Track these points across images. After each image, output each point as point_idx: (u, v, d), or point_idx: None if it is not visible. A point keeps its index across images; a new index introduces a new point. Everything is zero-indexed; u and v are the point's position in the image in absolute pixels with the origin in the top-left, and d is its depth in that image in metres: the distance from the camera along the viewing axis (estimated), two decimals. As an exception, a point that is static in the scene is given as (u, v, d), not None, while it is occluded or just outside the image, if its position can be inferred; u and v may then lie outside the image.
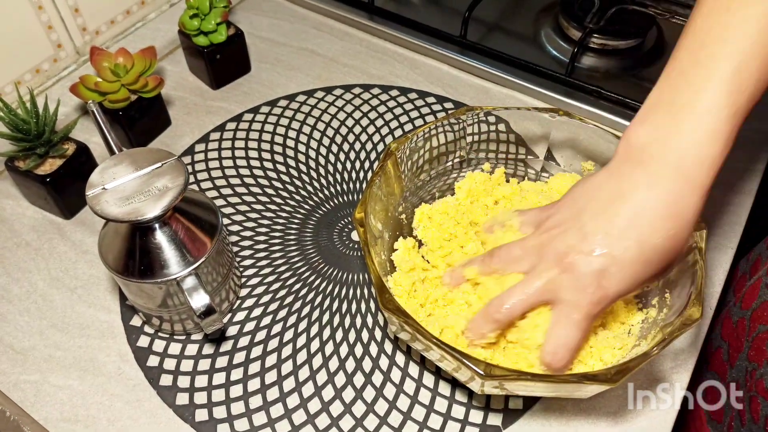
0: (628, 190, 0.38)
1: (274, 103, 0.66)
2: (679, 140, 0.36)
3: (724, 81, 0.35)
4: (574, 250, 0.38)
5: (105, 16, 0.69)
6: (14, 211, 0.57)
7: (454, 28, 0.69)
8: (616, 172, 0.39)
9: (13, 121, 0.50)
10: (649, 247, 0.37)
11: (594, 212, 0.39)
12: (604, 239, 0.38)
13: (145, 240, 0.42)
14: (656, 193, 0.37)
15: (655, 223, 0.37)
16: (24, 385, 0.46)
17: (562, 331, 0.39)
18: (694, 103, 0.36)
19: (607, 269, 0.37)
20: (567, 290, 0.39)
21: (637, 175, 0.38)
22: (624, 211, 0.37)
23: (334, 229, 0.56)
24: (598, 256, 0.38)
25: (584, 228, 0.39)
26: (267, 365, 0.47)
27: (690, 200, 0.37)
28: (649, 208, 0.37)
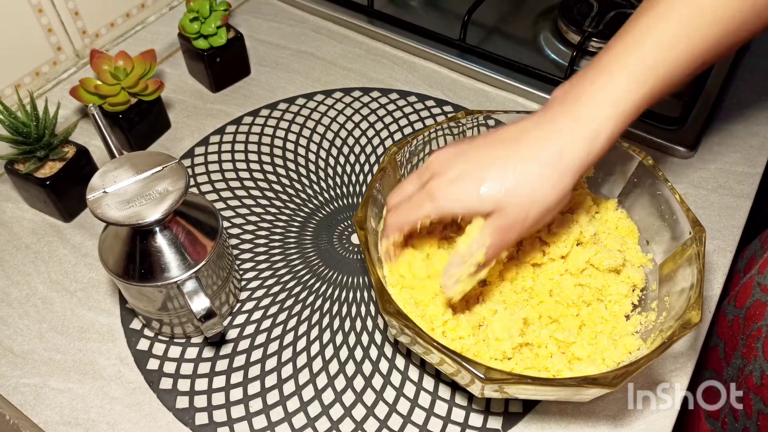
0: (526, 121, 0.41)
1: (273, 106, 0.66)
2: (579, 92, 0.40)
3: (638, 48, 0.39)
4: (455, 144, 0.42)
5: (105, 19, 0.70)
6: (14, 214, 0.57)
7: (454, 32, 0.70)
8: (531, 114, 0.42)
9: (13, 124, 0.50)
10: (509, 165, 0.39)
11: (492, 131, 0.42)
12: (492, 163, 0.40)
13: (146, 243, 0.42)
14: (544, 124, 0.40)
15: (530, 146, 0.40)
16: (24, 389, 0.46)
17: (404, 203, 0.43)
18: (603, 63, 0.40)
19: (464, 167, 0.40)
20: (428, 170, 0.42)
21: (540, 114, 0.41)
22: (512, 129, 0.41)
23: (334, 232, 0.56)
24: (465, 152, 0.41)
25: (475, 138, 0.43)
26: (267, 368, 0.47)
27: (573, 139, 0.39)
28: (531, 132, 0.40)
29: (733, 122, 0.65)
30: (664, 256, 0.46)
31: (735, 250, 0.55)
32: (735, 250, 0.55)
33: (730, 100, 0.67)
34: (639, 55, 0.39)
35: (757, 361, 0.46)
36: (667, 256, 0.46)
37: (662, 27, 0.38)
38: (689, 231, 0.44)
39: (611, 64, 0.39)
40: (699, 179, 0.60)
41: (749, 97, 0.67)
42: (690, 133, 0.62)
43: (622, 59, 0.39)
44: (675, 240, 0.45)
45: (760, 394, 0.46)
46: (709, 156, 0.61)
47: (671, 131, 0.62)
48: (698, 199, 0.58)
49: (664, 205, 0.46)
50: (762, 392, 0.45)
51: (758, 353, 0.47)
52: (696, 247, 0.42)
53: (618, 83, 0.39)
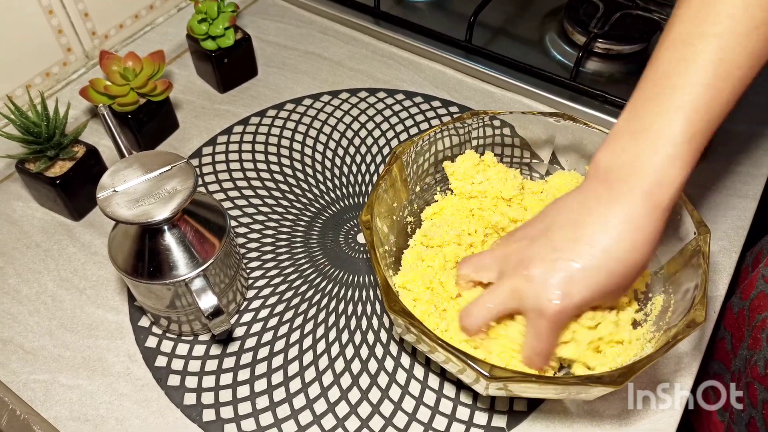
0: (594, 205, 0.40)
1: (280, 106, 0.67)
2: (640, 163, 0.39)
3: (681, 109, 0.38)
4: (538, 258, 0.40)
5: (114, 20, 0.70)
6: (24, 212, 0.57)
7: (460, 33, 0.70)
8: (584, 190, 0.41)
9: (24, 124, 0.51)
10: (612, 258, 0.38)
11: (561, 224, 0.41)
12: (568, 247, 0.39)
13: (155, 242, 0.43)
14: (619, 208, 0.39)
15: (619, 236, 0.38)
16: (34, 385, 0.47)
17: (531, 340, 0.41)
18: (653, 129, 0.38)
19: (571, 277, 0.39)
20: (531, 299, 0.40)
21: (602, 192, 0.40)
22: (590, 223, 0.39)
23: (341, 232, 0.56)
24: (563, 263, 0.39)
25: (550, 238, 0.40)
26: (273, 366, 0.48)
27: (651, 217, 0.38)
28: (612, 221, 0.39)
29: (738, 123, 0.65)
30: (669, 256, 0.46)
31: (740, 250, 0.55)
32: (740, 250, 0.55)
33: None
34: (685, 101, 0.38)
35: (762, 351, 0.47)
36: (672, 255, 0.46)
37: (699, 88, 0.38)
38: (694, 231, 0.44)
39: (657, 123, 0.38)
40: (704, 180, 0.60)
41: (755, 98, 0.67)
42: (695, 133, 0.62)
43: (672, 119, 0.38)
44: (680, 240, 0.45)
45: (764, 383, 0.46)
46: (714, 157, 0.62)
47: (677, 132, 0.62)
48: (703, 200, 0.58)
49: (669, 205, 0.47)
50: (766, 381, 0.45)
51: (763, 343, 0.47)
52: (701, 247, 0.43)
53: (675, 144, 0.38)
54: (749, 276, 0.53)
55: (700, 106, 0.38)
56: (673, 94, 0.38)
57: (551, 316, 0.39)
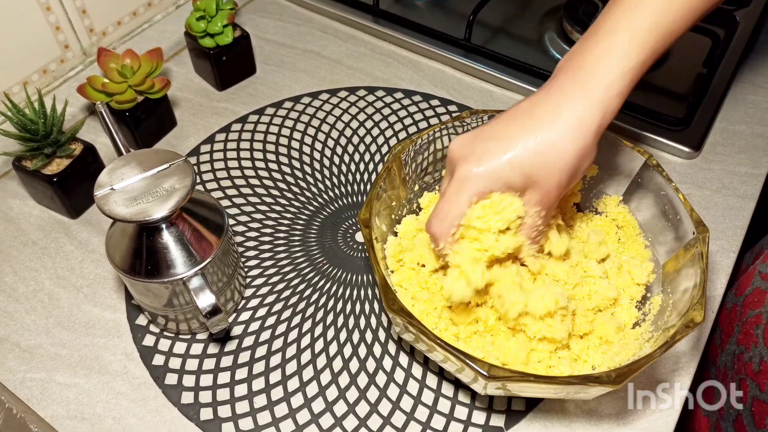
0: (534, 95, 0.42)
1: (279, 104, 0.66)
2: (584, 56, 0.41)
3: (626, 11, 0.40)
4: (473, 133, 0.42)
5: (112, 17, 0.70)
6: (21, 210, 0.57)
7: (459, 32, 0.70)
8: (533, 94, 0.43)
9: (21, 121, 0.51)
10: (531, 135, 0.40)
11: (505, 118, 0.42)
12: (495, 123, 0.42)
13: (152, 240, 0.43)
14: (554, 93, 0.41)
15: (545, 116, 0.40)
16: (30, 383, 0.46)
17: (438, 205, 0.42)
18: (603, 28, 0.41)
19: (487, 147, 0.41)
20: (452, 162, 0.42)
21: (546, 86, 0.42)
22: (522, 105, 0.42)
23: (339, 231, 0.56)
24: (485, 136, 0.41)
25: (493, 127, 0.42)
26: (271, 365, 0.48)
27: (585, 104, 0.40)
28: (543, 103, 0.41)
29: (737, 123, 0.65)
30: (668, 256, 0.46)
31: (738, 250, 0.55)
32: (738, 250, 0.55)
33: (735, 101, 0.67)
34: (639, 15, 0.40)
35: (757, 348, 0.47)
36: (671, 255, 0.46)
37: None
38: (693, 231, 0.44)
39: (613, 25, 0.41)
40: (703, 180, 0.60)
41: (754, 98, 0.67)
42: (694, 133, 0.62)
43: (623, 21, 0.40)
44: (679, 240, 0.45)
45: (756, 380, 0.46)
46: (713, 157, 0.62)
47: (676, 132, 0.62)
48: (702, 200, 0.58)
49: (668, 205, 0.47)
50: (759, 378, 0.45)
51: (758, 339, 0.47)
52: (699, 247, 0.43)
53: (622, 43, 0.40)
54: (746, 273, 0.53)
55: (652, 9, 0.40)
56: (633, 9, 0.40)
57: (458, 176, 0.41)
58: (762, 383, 0.45)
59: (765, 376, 0.45)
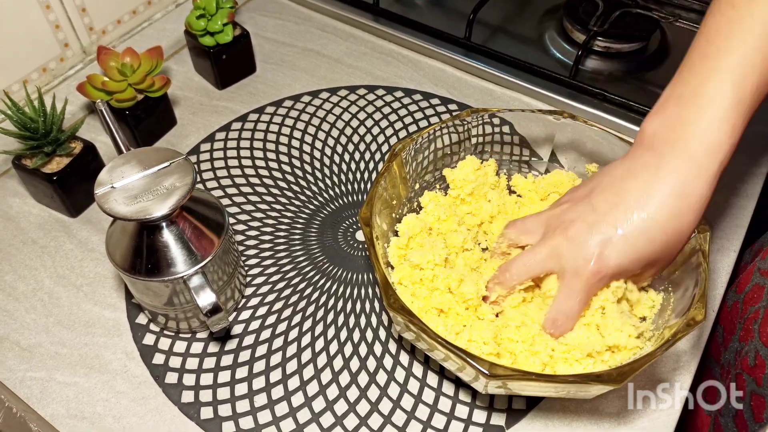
0: (638, 170, 0.40)
1: (279, 103, 0.66)
2: (685, 127, 0.38)
3: (728, 72, 0.37)
4: (579, 220, 0.40)
5: (111, 15, 0.70)
6: (21, 209, 0.57)
7: (459, 30, 0.70)
8: (630, 157, 0.41)
9: (20, 120, 0.51)
10: (653, 223, 0.38)
11: (603, 188, 0.41)
12: (610, 211, 0.39)
13: (153, 238, 0.42)
14: (664, 173, 0.38)
15: (662, 200, 0.38)
16: (30, 382, 0.46)
17: (562, 299, 0.41)
18: (700, 93, 0.38)
19: (609, 239, 0.39)
20: (569, 259, 0.40)
21: (647, 158, 0.39)
22: (632, 187, 0.39)
23: (339, 229, 0.56)
24: (602, 226, 0.39)
25: (592, 201, 0.41)
26: (272, 364, 0.48)
27: (696, 183, 0.38)
28: (656, 186, 0.38)
29: (737, 122, 0.64)
30: (669, 255, 0.46)
31: (739, 249, 0.55)
32: (739, 249, 0.55)
33: (735, 100, 0.67)
34: (731, 63, 0.37)
35: (753, 342, 0.47)
36: (672, 254, 0.46)
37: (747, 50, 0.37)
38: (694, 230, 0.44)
39: (704, 89, 0.38)
40: (703, 179, 0.59)
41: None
42: (695, 132, 0.62)
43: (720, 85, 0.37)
44: (679, 239, 0.45)
45: (753, 374, 0.46)
46: (713, 156, 0.61)
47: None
48: (702, 199, 0.58)
49: (669, 203, 0.46)
50: (755, 373, 0.45)
51: (754, 335, 0.47)
52: (700, 246, 0.42)
53: (722, 108, 0.37)
54: (746, 271, 0.53)
55: (748, 66, 0.36)
56: (720, 56, 0.37)
57: (587, 275, 0.39)
58: (758, 377, 0.45)
59: (761, 370, 0.45)
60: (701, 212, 0.39)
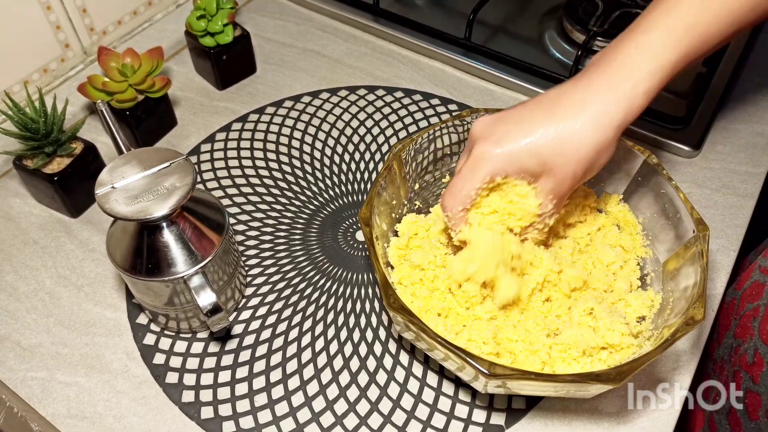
0: (564, 84, 0.43)
1: (279, 103, 0.66)
2: (616, 54, 0.41)
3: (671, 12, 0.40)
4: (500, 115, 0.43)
5: (112, 16, 0.70)
6: (21, 209, 0.57)
7: (459, 31, 0.70)
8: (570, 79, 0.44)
9: (21, 120, 0.51)
10: (550, 122, 0.40)
11: (534, 100, 0.43)
12: (525, 111, 0.42)
13: (153, 238, 0.43)
14: (582, 83, 0.41)
15: (568, 105, 0.41)
16: (31, 382, 0.46)
17: (453, 181, 0.43)
18: (639, 26, 0.41)
19: (509, 129, 0.41)
20: (473, 137, 0.43)
21: (576, 77, 0.43)
22: (552, 96, 0.42)
23: (339, 229, 0.56)
24: (511, 118, 0.42)
25: (519, 107, 0.43)
26: (272, 363, 0.48)
27: (609, 98, 0.40)
28: (569, 93, 0.41)
29: (737, 122, 0.65)
30: (668, 255, 0.46)
31: (738, 249, 0.55)
32: (738, 249, 0.55)
33: (735, 99, 0.67)
34: (675, 15, 0.40)
35: (753, 340, 0.47)
36: (671, 254, 0.46)
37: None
38: (693, 230, 0.44)
39: (648, 25, 0.41)
40: (703, 178, 0.60)
41: (754, 96, 0.67)
42: (694, 132, 0.62)
43: (659, 20, 0.40)
44: (679, 238, 0.45)
45: (750, 372, 0.46)
46: (713, 155, 0.62)
47: (676, 130, 0.62)
48: (702, 199, 0.58)
49: (668, 203, 0.47)
50: (752, 370, 0.46)
51: (754, 332, 0.47)
52: (700, 245, 0.43)
53: (655, 41, 0.40)
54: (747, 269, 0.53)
55: (687, 10, 0.40)
56: (669, 9, 0.40)
57: (475, 154, 0.42)
58: (755, 375, 0.45)
59: (759, 368, 0.45)
60: (606, 135, 0.40)
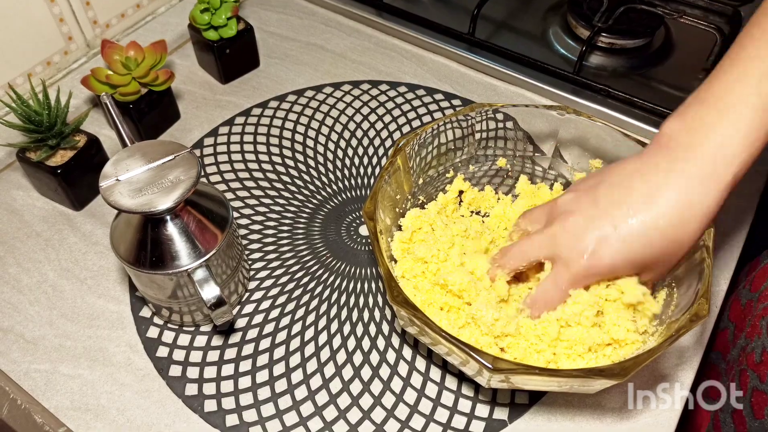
0: (648, 170, 0.38)
1: (282, 98, 0.66)
2: (703, 131, 0.36)
3: (754, 78, 0.36)
4: (579, 211, 0.40)
5: (115, 9, 0.70)
6: (25, 202, 0.57)
7: (463, 26, 0.70)
8: (643, 155, 0.40)
9: (25, 113, 0.51)
10: (653, 228, 0.37)
11: (610, 183, 0.40)
12: (612, 208, 0.38)
13: (157, 231, 0.43)
14: (674, 177, 0.37)
15: (666, 206, 0.37)
16: (35, 374, 0.47)
17: (548, 284, 0.41)
18: (722, 98, 0.36)
19: (606, 237, 0.38)
20: (562, 248, 0.40)
21: (660, 159, 0.38)
22: (639, 186, 0.38)
23: (342, 224, 0.56)
24: (601, 222, 0.38)
25: (596, 195, 0.40)
26: (275, 357, 0.48)
27: (706, 193, 0.36)
28: (663, 189, 0.37)
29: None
30: (672, 251, 0.46)
31: (742, 245, 0.55)
32: (742, 245, 0.55)
33: (739, 96, 0.66)
34: (759, 71, 0.36)
35: (760, 339, 0.47)
36: (675, 250, 0.46)
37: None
38: (697, 226, 0.44)
39: (730, 95, 0.36)
40: (707, 175, 0.59)
41: (758, 93, 0.67)
42: (698, 129, 0.62)
43: (746, 92, 0.36)
44: (683, 235, 0.45)
45: (757, 371, 0.46)
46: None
47: (680, 127, 0.62)
48: (706, 195, 0.58)
49: (673, 199, 0.46)
50: (759, 369, 0.45)
51: (762, 331, 0.47)
52: (704, 242, 0.43)
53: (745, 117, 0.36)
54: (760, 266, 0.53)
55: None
56: (748, 63, 0.36)
57: (576, 270, 0.39)
58: (762, 374, 0.45)
59: (766, 367, 0.45)
60: (706, 223, 0.37)
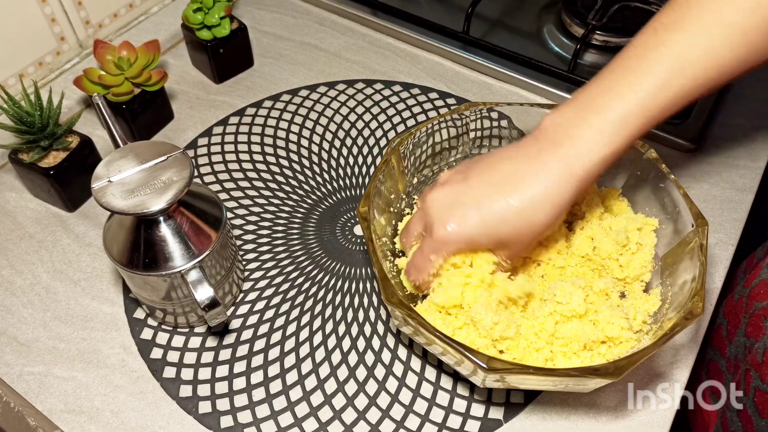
0: (519, 156, 0.42)
1: (276, 97, 0.66)
2: (569, 129, 0.40)
3: (623, 89, 0.39)
4: (450, 184, 0.43)
5: (108, 9, 0.69)
6: (18, 203, 0.57)
7: (457, 24, 0.70)
8: (519, 144, 0.43)
9: (17, 114, 0.50)
10: (510, 207, 0.40)
11: (484, 165, 0.43)
12: (479, 185, 0.42)
13: (150, 233, 0.42)
14: (537, 165, 0.41)
15: (526, 190, 0.40)
16: (28, 377, 0.46)
17: (417, 253, 0.44)
18: (594, 102, 0.40)
19: (469, 209, 0.41)
20: (431, 217, 0.42)
21: (530, 148, 0.42)
22: (506, 169, 0.42)
23: (337, 224, 0.56)
24: (466, 196, 0.42)
25: (469, 173, 0.43)
26: (270, 358, 0.48)
27: (562, 183, 0.40)
28: (525, 175, 0.41)
29: (736, 117, 0.65)
30: (667, 249, 0.46)
31: (737, 243, 0.55)
32: (737, 243, 0.55)
33: (734, 94, 0.67)
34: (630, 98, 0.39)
35: (764, 339, 0.47)
36: (670, 248, 0.46)
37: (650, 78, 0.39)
38: (692, 224, 0.44)
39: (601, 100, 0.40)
40: (702, 173, 0.60)
41: (753, 91, 0.67)
42: (693, 126, 0.62)
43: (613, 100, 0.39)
44: (678, 233, 0.45)
45: (759, 371, 0.46)
46: (712, 150, 0.61)
47: (675, 125, 0.62)
48: (701, 193, 0.58)
49: (667, 198, 0.46)
50: (761, 369, 0.46)
51: (766, 331, 0.47)
52: (698, 239, 0.43)
53: (607, 122, 0.39)
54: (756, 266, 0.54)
55: (644, 92, 0.39)
56: (624, 76, 0.40)
57: (437, 236, 0.42)
58: (765, 374, 0.46)
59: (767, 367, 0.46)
60: (559, 211, 0.40)
